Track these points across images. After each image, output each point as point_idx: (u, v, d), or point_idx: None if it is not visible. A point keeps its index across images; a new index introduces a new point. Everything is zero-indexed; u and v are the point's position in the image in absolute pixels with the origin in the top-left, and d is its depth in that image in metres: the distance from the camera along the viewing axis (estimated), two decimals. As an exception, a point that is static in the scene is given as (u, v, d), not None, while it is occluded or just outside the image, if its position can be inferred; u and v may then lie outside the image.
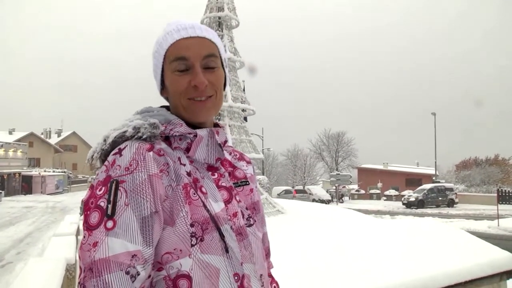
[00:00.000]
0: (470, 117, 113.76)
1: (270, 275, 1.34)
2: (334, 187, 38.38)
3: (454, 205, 34.03)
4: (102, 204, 0.93)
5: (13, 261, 10.11)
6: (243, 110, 10.67)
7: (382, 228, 7.44)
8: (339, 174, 37.62)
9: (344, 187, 40.70)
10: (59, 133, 67.46)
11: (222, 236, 1.03)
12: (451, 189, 35.21)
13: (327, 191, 44.26)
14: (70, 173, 54.27)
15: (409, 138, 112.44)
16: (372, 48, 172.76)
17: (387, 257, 4.73)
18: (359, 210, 15.37)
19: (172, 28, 1.13)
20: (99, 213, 0.92)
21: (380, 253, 4.91)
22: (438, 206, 33.64)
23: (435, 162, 43.06)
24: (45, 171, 45.96)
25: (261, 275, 1.13)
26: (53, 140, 63.74)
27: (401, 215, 25.12)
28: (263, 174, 43.42)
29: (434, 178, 42.52)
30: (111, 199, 0.93)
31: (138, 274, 0.89)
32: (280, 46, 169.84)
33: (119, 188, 0.94)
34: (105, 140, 1.06)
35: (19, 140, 50.73)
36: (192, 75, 1.09)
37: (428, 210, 30.52)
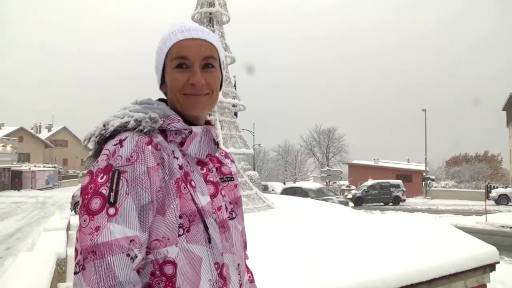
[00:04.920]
0: (460, 115, 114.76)
1: (245, 266, 1.41)
2: (325, 183, 38.53)
3: (401, 203, 32.21)
4: (103, 191, 1.00)
5: (2, 256, 9.99)
6: (234, 106, 10.70)
7: (371, 222, 7.52)
8: (329, 169, 37.71)
9: (335, 182, 40.76)
10: (49, 128, 66.88)
11: (206, 228, 1.11)
12: (397, 186, 33.19)
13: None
14: (61, 168, 53.86)
15: (400, 134, 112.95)
16: (364, 46, 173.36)
17: (375, 251, 4.80)
18: (349, 205, 15.49)
19: (176, 29, 1.21)
20: (101, 200, 0.99)
21: (368, 247, 4.97)
22: (386, 203, 32.01)
23: (425, 158, 43.33)
24: (35, 166, 45.50)
25: (238, 264, 1.23)
26: (44, 135, 63.24)
27: (391, 210, 25.39)
28: (254, 170, 43.55)
29: (424, 174, 42.83)
30: (113, 187, 1.00)
31: (136, 257, 0.99)
32: (272, 43, 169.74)
33: (121, 177, 1.01)
34: (104, 126, 1.12)
35: (8, 135, 50.31)
36: (191, 73, 1.17)
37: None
